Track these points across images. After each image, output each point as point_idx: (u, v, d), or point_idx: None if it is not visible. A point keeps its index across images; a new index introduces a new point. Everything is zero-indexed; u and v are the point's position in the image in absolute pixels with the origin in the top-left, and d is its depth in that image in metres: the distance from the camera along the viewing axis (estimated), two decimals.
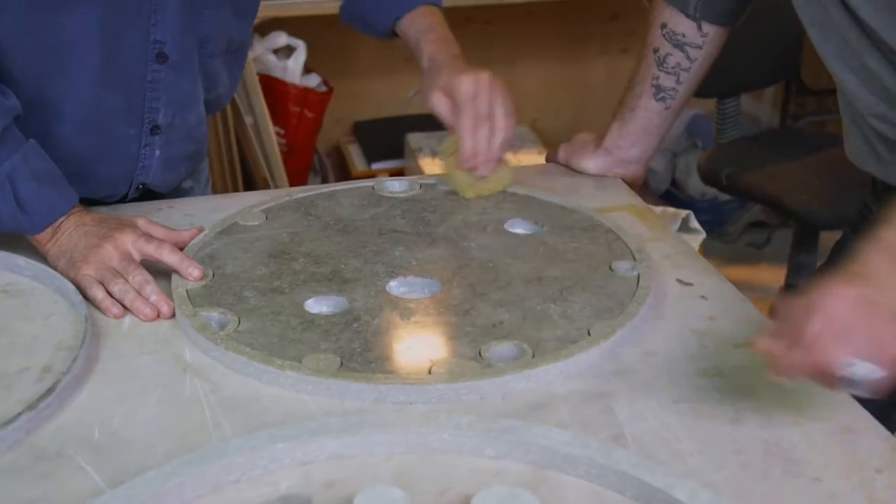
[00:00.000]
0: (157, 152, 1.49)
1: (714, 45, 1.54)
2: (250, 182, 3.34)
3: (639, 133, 1.58)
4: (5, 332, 1.20)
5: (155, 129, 1.47)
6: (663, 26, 1.53)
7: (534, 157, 3.56)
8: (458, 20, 3.89)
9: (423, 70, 1.56)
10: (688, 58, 1.53)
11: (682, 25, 1.52)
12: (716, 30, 1.52)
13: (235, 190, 3.26)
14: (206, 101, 1.56)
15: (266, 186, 3.25)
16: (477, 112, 1.47)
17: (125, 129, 1.45)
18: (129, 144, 1.46)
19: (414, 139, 3.67)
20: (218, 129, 3.21)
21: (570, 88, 4.03)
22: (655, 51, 1.54)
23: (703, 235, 1.55)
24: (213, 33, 1.49)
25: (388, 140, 3.78)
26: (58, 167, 1.35)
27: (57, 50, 1.36)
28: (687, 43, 1.52)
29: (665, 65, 1.54)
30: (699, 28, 1.51)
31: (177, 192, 1.62)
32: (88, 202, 1.40)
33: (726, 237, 3.69)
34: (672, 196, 3.92)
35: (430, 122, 3.78)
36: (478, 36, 3.98)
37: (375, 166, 3.73)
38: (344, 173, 3.82)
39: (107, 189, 1.50)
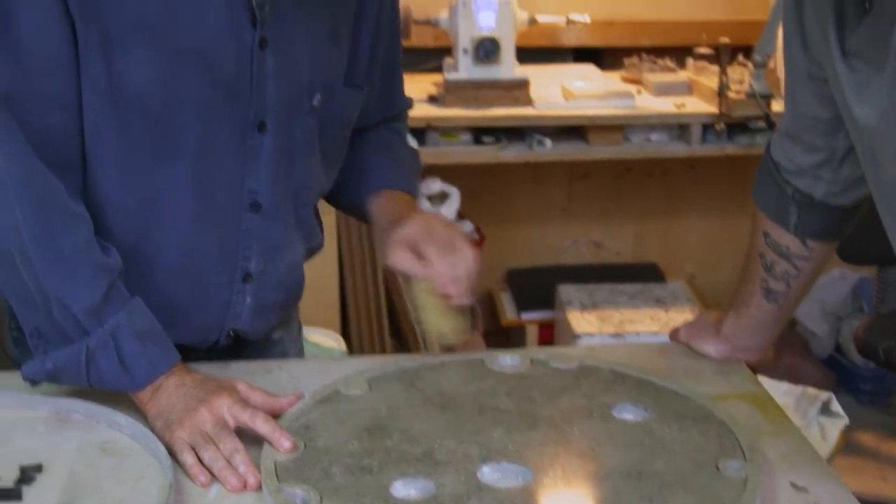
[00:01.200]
0: (248, 300, 1.49)
1: (822, 257, 1.47)
2: (397, 329, 3.35)
3: (754, 327, 1.52)
4: (95, 492, 1.20)
5: (247, 277, 1.47)
6: (766, 235, 1.48)
7: (687, 317, 3.46)
8: (617, 171, 3.90)
9: (375, 237, 1.57)
10: (795, 267, 1.47)
11: (785, 238, 1.46)
12: (821, 245, 1.46)
13: (381, 337, 3.27)
14: (309, 249, 1.58)
15: (412, 335, 3.25)
16: (440, 242, 1.44)
17: (217, 277, 1.46)
18: (220, 292, 1.47)
19: (565, 291, 3.63)
20: (366, 272, 3.24)
21: (731, 244, 3.94)
22: (762, 256, 1.49)
23: (844, 421, 1.46)
24: (306, 182, 1.50)
25: (539, 290, 3.75)
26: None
27: (153, 203, 1.39)
28: (792, 255, 1.46)
29: (772, 271, 1.48)
30: (803, 243, 1.45)
31: (267, 342, 1.62)
32: (180, 348, 1.40)
33: (891, 409, 3.50)
34: (835, 362, 3.74)
35: (582, 274, 3.79)
36: (637, 188, 3.95)
37: (525, 316, 3.70)
38: (494, 321, 3.79)
39: (198, 335, 1.50)
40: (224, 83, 1.37)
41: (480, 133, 3.30)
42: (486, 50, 3.24)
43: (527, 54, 3.52)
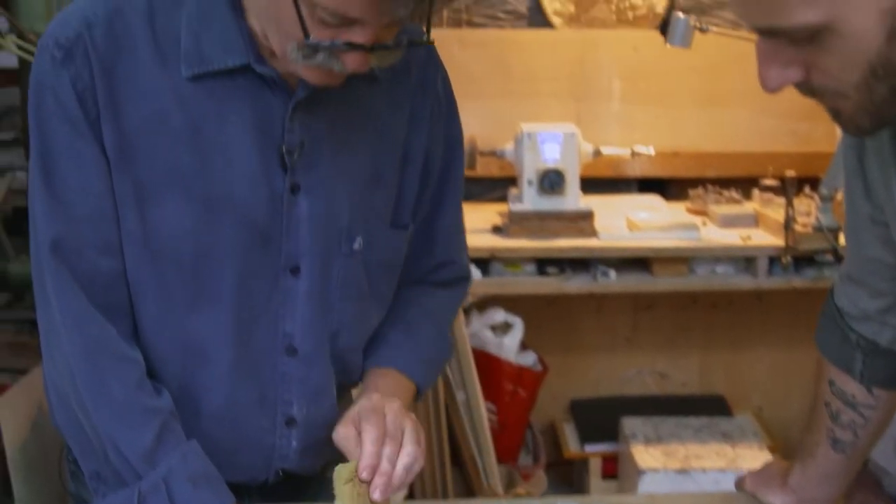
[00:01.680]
0: (294, 443, 1.48)
1: (891, 405, 1.44)
2: (457, 457, 3.31)
3: (822, 477, 1.48)
4: None
5: (290, 422, 1.46)
6: (831, 383, 1.44)
7: (755, 453, 3.39)
8: (683, 302, 3.86)
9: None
10: (862, 416, 1.43)
11: (850, 386, 1.43)
12: (889, 393, 1.42)
13: (441, 465, 3.24)
14: (344, 385, 1.55)
15: (473, 465, 3.21)
16: (384, 428, 1.34)
17: (259, 421, 1.45)
18: (264, 435, 1.46)
19: (629, 423, 3.57)
20: (428, 403, 3.22)
21: (799, 376, 3.87)
22: (827, 405, 1.45)
23: None
24: (346, 325, 1.48)
25: (603, 421, 3.70)
26: None
27: (192, 348, 1.40)
28: (859, 403, 1.43)
29: (839, 420, 1.44)
30: (870, 391, 1.42)
31: (322, 478, 1.58)
32: (231, 486, 1.39)
33: None
34: None
35: (647, 405, 3.73)
36: (703, 320, 3.90)
37: (589, 448, 3.64)
38: (557, 453, 3.74)
39: (246, 475, 1.49)
40: (256, 228, 1.38)
41: (544, 263, 3.30)
42: (551, 181, 3.26)
43: (591, 184, 3.54)
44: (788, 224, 3.21)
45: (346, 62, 1.24)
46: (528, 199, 3.30)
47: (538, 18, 3.84)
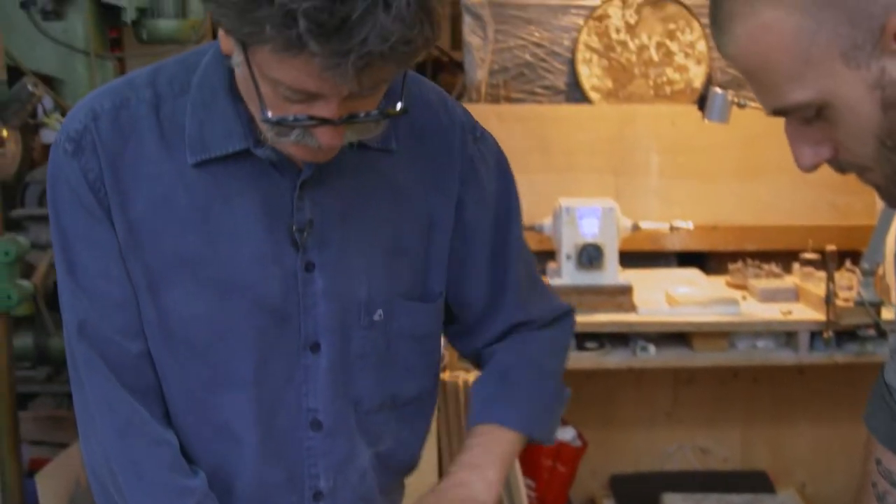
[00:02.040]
0: None
1: None
2: None
3: None
4: None
5: (318, 496, 1.46)
6: (878, 462, 1.42)
7: None
8: (724, 376, 3.83)
9: None
10: None
11: None
12: None
13: None
14: (378, 454, 1.52)
15: None
16: None
17: (289, 497, 1.45)
18: None
19: (670, 500, 3.54)
20: None
21: (843, 452, 3.81)
22: (874, 485, 1.43)
23: None
24: (367, 392, 1.47)
25: (644, 496, 3.66)
26: None
27: (220, 428, 1.40)
28: None
29: (885, 502, 1.42)
30: None
31: None
32: None
33: None
34: None
35: (688, 481, 3.69)
36: (744, 394, 3.87)
37: None
38: None
39: None
40: (271, 309, 1.38)
41: (583, 338, 3.29)
42: (590, 256, 3.26)
43: (630, 258, 3.53)
44: (830, 298, 3.18)
45: (319, 137, 1.24)
46: (567, 274, 3.30)
47: (576, 94, 3.87)
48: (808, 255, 3.54)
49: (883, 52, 1.07)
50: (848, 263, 3.44)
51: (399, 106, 1.26)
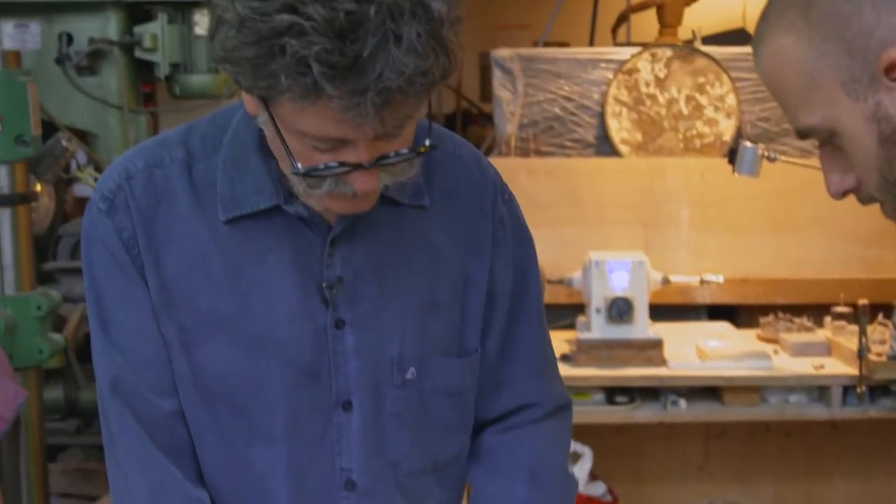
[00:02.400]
0: None
1: None
2: None
3: None
4: None
5: None
6: None
7: None
8: (755, 430, 3.80)
9: None
10: None
11: None
12: None
13: None
14: None
15: None
16: None
17: None
18: None
19: None
20: None
21: None
22: None
23: None
24: (406, 454, 1.44)
25: None
26: None
27: (253, 485, 1.39)
28: None
29: None
30: None
31: None
32: None
33: None
34: None
35: None
36: (776, 449, 3.83)
37: None
38: None
39: None
40: (303, 366, 1.38)
41: (613, 392, 3.27)
42: (620, 310, 3.25)
43: (660, 311, 3.52)
44: (862, 353, 3.15)
45: (353, 183, 1.24)
46: (597, 328, 3.29)
47: (606, 147, 3.88)
48: (840, 309, 3.51)
49: (878, 86, 1.10)
50: (880, 317, 3.41)
51: (427, 142, 1.26)
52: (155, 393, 1.37)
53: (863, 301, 3.22)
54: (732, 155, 3.26)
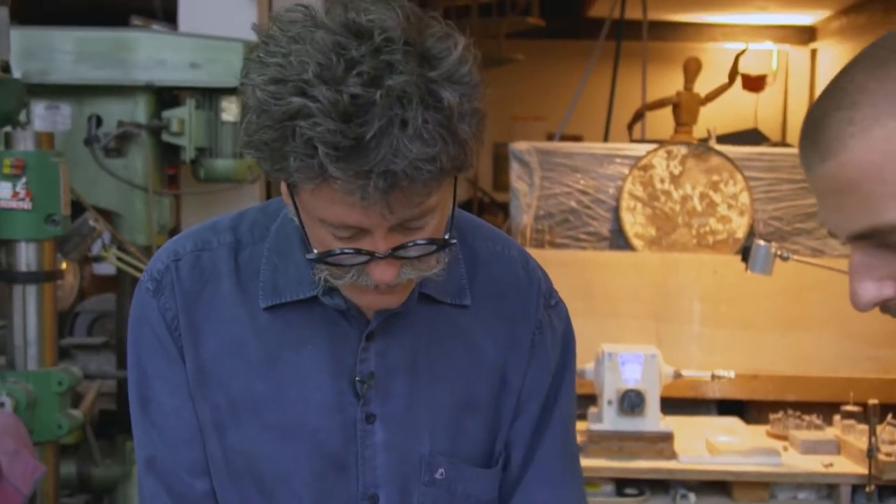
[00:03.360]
0: None
1: None
2: None
3: None
4: None
5: None
6: None
7: None
8: None
9: None
10: None
11: None
12: None
13: None
14: None
15: None
16: None
17: None
18: None
19: None
20: None
21: None
22: None
23: None
24: None
25: None
26: None
27: None
28: None
29: None
30: None
31: None
32: None
33: None
34: None
35: None
36: None
37: None
38: None
39: None
40: (331, 456, 1.38)
41: (623, 484, 3.28)
42: (632, 402, 3.27)
43: (670, 404, 3.54)
44: (872, 452, 3.17)
45: (371, 274, 1.24)
46: (608, 420, 3.31)
47: (620, 241, 3.94)
48: (850, 408, 3.53)
49: None
50: (889, 417, 3.43)
51: (447, 235, 1.26)
52: (189, 473, 1.39)
53: (873, 401, 3.25)
54: (746, 253, 3.31)
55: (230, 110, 3.39)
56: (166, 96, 3.46)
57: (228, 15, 3.71)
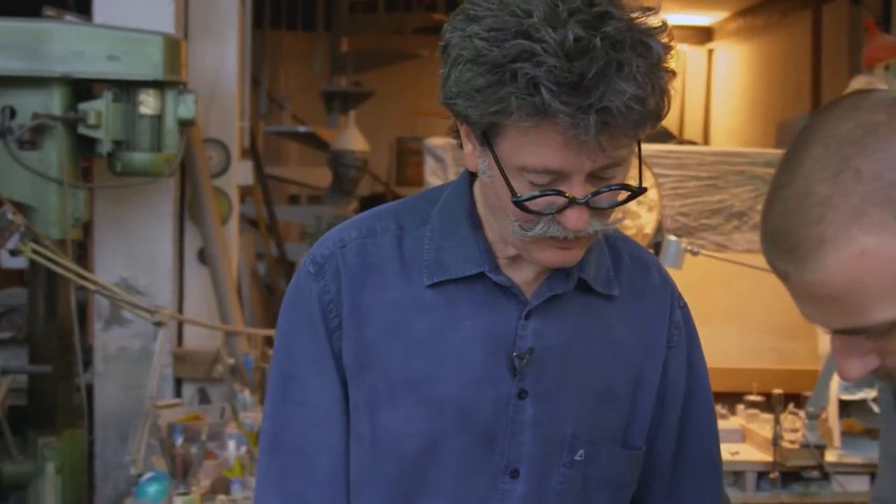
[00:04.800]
0: None
1: None
2: None
3: None
4: None
5: None
6: None
7: None
8: None
9: None
10: None
11: None
12: None
13: None
14: None
15: None
16: None
17: None
18: None
19: None
20: None
21: None
22: None
23: None
24: None
25: None
26: None
27: None
28: None
29: None
30: None
31: None
32: None
33: None
34: None
35: None
36: None
37: None
38: None
39: None
40: (481, 430, 1.43)
41: None
42: None
43: None
44: (776, 440, 3.29)
45: (565, 222, 1.31)
46: None
47: None
48: (753, 398, 3.66)
49: None
50: (791, 406, 3.56)
51: (640, 184, 1.34)
52: (315, 450, 1.45)
53: (777, 391, 3.37)
54: (657, 248, 3.41)
55: (148, 103, 3.37)
56: (82, 88, 3.43)
57: (145, 8, 3.69)
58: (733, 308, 3.92)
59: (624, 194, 1.34)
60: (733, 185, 4.12)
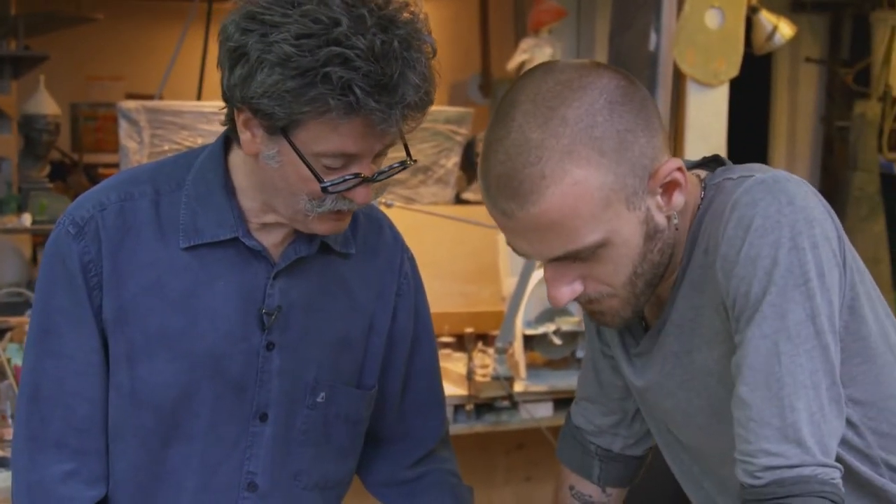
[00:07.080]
0: None
1: (618, 498, 1.77)
2: None
3: None
4: None
5: None
6: (571, 488, 1.75)
7: None
8: None
9: None
10: None
11: (589, 488, 1.74)
12: (617, 491, 1.76)
13: None
14: None
15: None
16: None
17: None
18: None
19: None
20: None
21: None
22: None
23: None
24: (306, 468, 1.66)
25: None
26: None
27: (159, 479, 1.58)
28: (595, 502, 1.74)
29: None
30: (603, 491, 1.74)
31: None
32: None
33: None
34: None
35: None
36: None
37: None
38: None
39: None
40: (232, 380, 1.58)
41: None
42: None
43: None
44: (470, 375, 3.57)
45: (355, 197, 1.49)
46: None
47: None
48: (445, 339, 3.92)
49: (646, 194, 1.36)
50: (480, 345, 3.85)
51: (409, 161, 1.53)
52: (76, 398, 1.54)
53: (469, 330, 3.65)
54: None
55: None
56: None
57: None
58: (422, 257, 4.04)
59: (398, 168, 1.53)
60: (418, 141, 4.35)
